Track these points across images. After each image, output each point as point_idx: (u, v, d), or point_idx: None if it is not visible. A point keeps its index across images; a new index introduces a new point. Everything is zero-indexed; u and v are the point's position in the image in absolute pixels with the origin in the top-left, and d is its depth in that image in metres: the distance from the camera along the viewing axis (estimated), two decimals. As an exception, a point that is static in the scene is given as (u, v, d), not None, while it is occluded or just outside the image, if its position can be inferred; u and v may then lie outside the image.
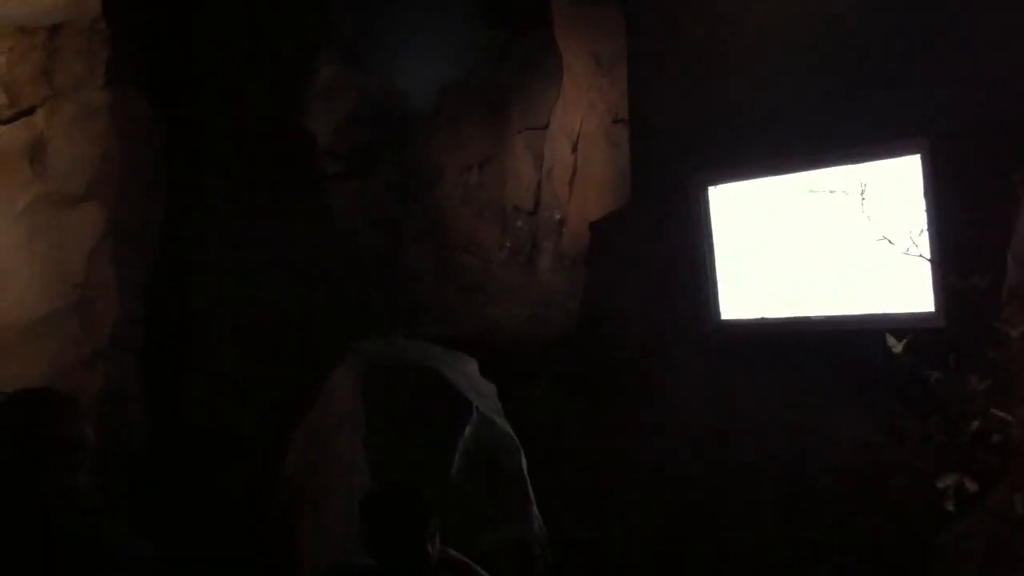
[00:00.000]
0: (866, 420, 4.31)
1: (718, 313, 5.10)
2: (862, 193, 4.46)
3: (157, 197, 5.94)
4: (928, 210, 4.23)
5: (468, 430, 4.39)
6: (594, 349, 5.85)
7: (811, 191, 4.69)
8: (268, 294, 6.30)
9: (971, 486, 3.55)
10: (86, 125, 5.53)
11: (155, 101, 5.91)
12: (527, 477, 4.54)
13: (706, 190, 5.12)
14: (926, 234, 4.23)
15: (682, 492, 4.86)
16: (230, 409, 5.97)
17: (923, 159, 4.27)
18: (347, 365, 4.66)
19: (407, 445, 4.24)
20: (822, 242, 4.67)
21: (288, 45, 6.91)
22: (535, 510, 4.49)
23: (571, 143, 7.60)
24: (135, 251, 5.75)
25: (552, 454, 5.14)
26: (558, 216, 7.47)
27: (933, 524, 3.75)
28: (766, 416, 4.77)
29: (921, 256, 4.20)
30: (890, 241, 4.29)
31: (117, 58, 5.64)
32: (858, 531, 4.18)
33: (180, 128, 6.10)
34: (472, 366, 4.91)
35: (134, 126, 5.78)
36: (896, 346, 3.82)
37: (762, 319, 4.95)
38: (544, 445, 5.03)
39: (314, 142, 6.99)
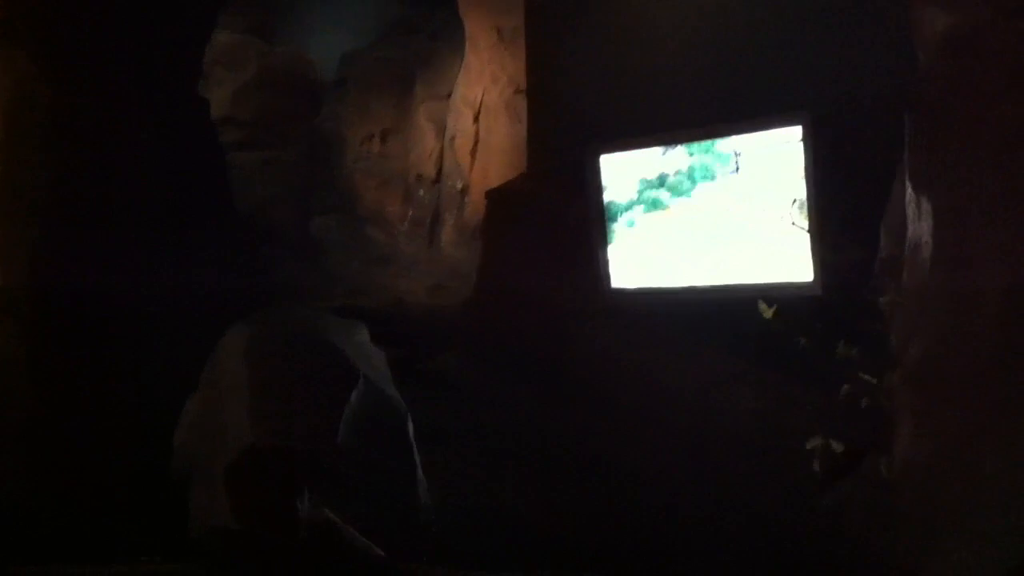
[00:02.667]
0: (749, 385, 4.41)
1: (609, 281, 5.15)
2: (736, 163, 4.55)
3: (46, 162, 5.77)
4: (807, 182, 4.33)
5: (354, 396, 4.38)
6: (494, 318, 5.87)
7: (698, 161, 4.76)
8: (166, 265, 6.17)
9: (837, 447, 3.68)
10: (-30, 87, 5.35)
11: (44, 65, 5.72)
12: (414, 444, 4.55)
13: (598, 159, 5.16)
14: (805, 206, 4.33)
15: (576, 457, 4.92)
16: (125, 382, 5.84)
17: (804, 131, 4.36)
18: (235, 333, 4.61)
19: (292, 412, 4.21)
20: (709, 213, 4.74)
21: (188, 10, 6.75)
22: (421, 476, 4.51)
23: (473, 113, 7.60)
24: (23, 216, 5.59)
25: (450, 422, 5.17)
26: (460, 185, 7.47)
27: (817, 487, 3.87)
28: (658, 381, 4.86)
29: (795, 225, 4.30)
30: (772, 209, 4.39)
31: (4, 20, 5.45)
32: (747, 493, 4.27)
33: (71, 93, 5.93)
34: (363, 334, 4.89)
35: (21, 90, 5.60)
36: (767, 312, 3.91)
37: (652, 288, 5.02)
38: (443, 413, 5.06)
39: (209, 110, 6.84)
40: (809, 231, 4.32)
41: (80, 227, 6.02)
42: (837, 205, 4.23)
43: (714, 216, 4.74)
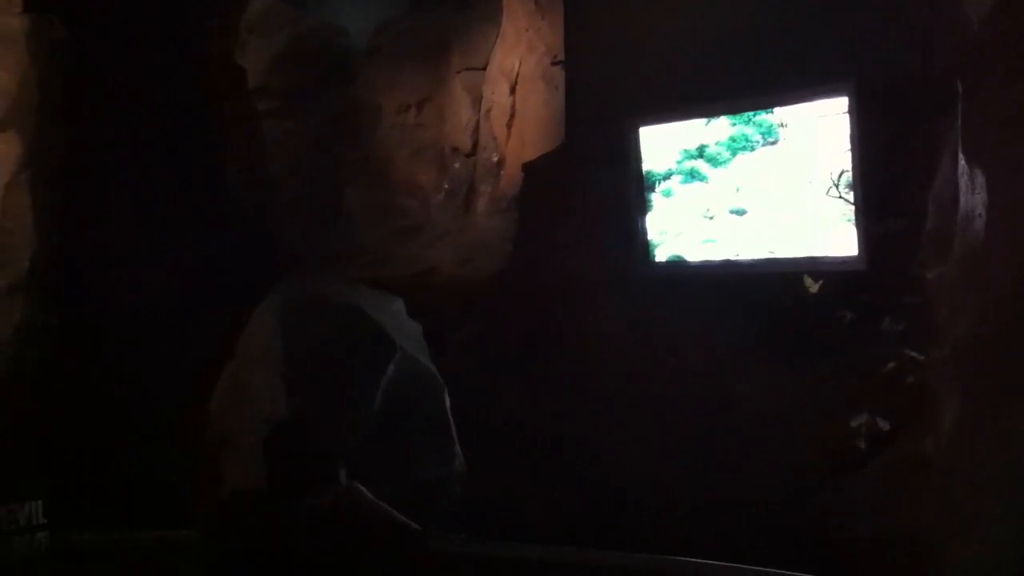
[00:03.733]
0: (786, 361, 4.32)
1: (647, 255, 5.09)
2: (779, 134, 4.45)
3: (73, 131, 5.78)
4: (853, 153, 4.23)
5: (391, 368, 4.36)
6: (527, 291, 5.82)
7: (739, 131, 4.68)
8: (196, 235, 6.16)
9: (883, 425, 3.60)
10: (2, 52, 5.34)
11: (74, 30, 5.71)
12: (450, 416, 4.53)
13: (637, 131, 5.08)
14: (850, 177, 4.23)
15: (604, 433, 4.87)
16: (153, 350, 5.86)
17: (850, 101, 4.26)
18: (270, 303, 4.59)
19: (328, 383, 4.21)
20: (751, 185, 4.66)
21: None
22: (457, 449, 4.50)
23: (510, 84, 7.48)
24: (52, 184, 5.60)
25: (480, 395, 5.13)
26: (496, 158, 7.36)
27: (841, 466, 3.80)
28: (694, 357, 4.79)
29: (843, 199, 4.20)
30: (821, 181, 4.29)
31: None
32: (776, 471, 4.21)
33: (101, 59, 5.92)
34: (398, 305, 4.86)
35: (52, 55, 5.59)
36: (812, 286, 3.84)
37: (690, 261, 4.95)
38: (472, 386, 5.03)
39: (245, 78, 6.80)
40: (854, 204, 4.23)
41: (109, 193, 6.03)
42: (882, 177, 4.12)
43: (754, 188, 4.66)
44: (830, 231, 4.33)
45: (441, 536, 4.26)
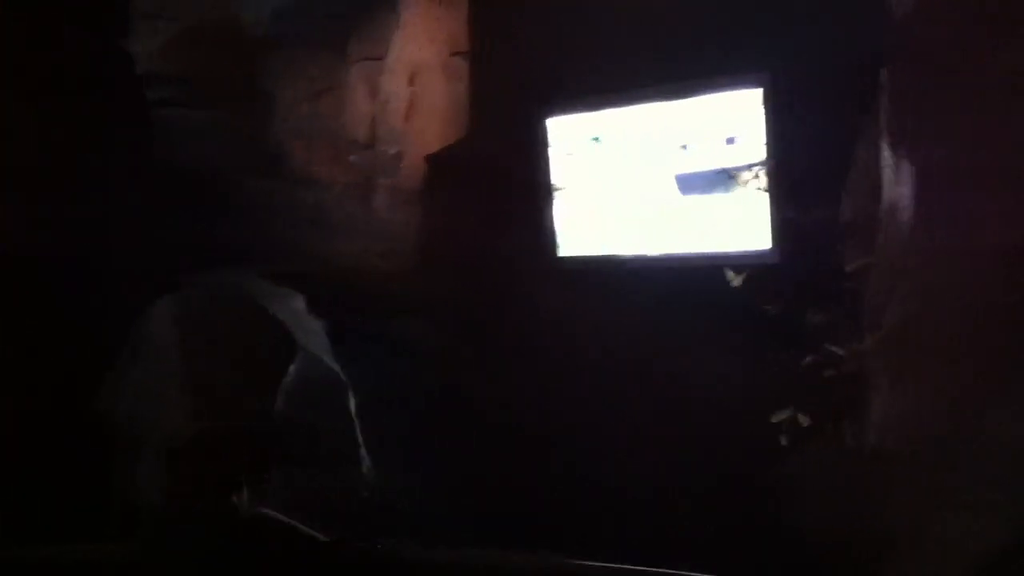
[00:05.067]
0: (707, 357, 4.27)
1: (556, 249, 4.98)
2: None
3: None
4: (767, 145, 4.20)
5: (292, 369, 4.16)
6: (434, 284, 5.65)
7: (650, 125, 4.60)
8: (87, 229, 5.80)
9: (804, 420, 3.56)
10: None
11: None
12: (356, 417, 4.35)
13: (544, 122, 4.97)
14: (764, 169, 4.19)
15: (525, 428, 4.75)
16: (44, 347, 5.48)
17: (764, 93, 4.23)
18: (167, 301, 4.35)
19: (227, 384, 3.98)
20: (660, 178, 4.58)
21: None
22: (363, 451, 4.32)
23: (408, 75, 7.29)
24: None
25: (390, 392, 4.96)
26: (395, 150, 7.16)
27: (776, 457, 3.76)
28: (611, 352, 4.71)
29: (760, 189, 4.16)
30: (730, 174, 4.24)
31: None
32: (703, 465, 4.15)
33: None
34: (300, 302, 4.66)
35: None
36: (735, 279, 3.78)
37: (601, 256, 4.86)
38: (381, 383, 4.86)
39: (133, 65, 6.45)
40: (769, 197, 4.19)
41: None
42: (798, 170, 4.09)
43: (667, 181, 4.59)
44: (743, 225, 4.29)
45: (352, 542, 4.07)
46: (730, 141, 4.32)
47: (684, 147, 4.46)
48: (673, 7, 4.62)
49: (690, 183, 4.44)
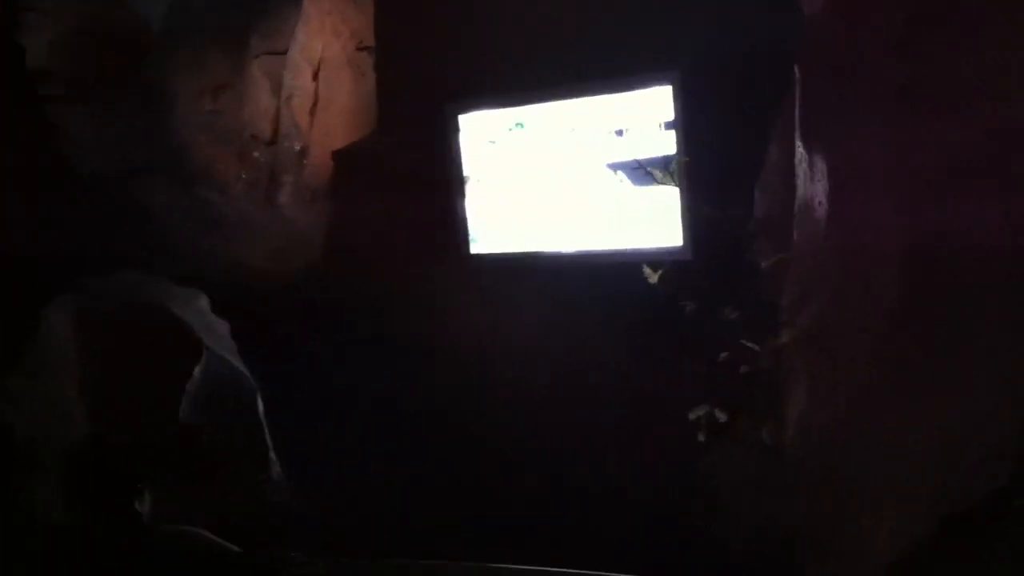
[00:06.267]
0: (623, 353, 4.26)
1: (468, 246, 4.93)
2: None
3: None
4: (677, 143, 4.21)
5: (197, 371, 4.01)
6: (341, 283, 5.54)
7: (562, 122, 4.58)
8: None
9: (721, 416, 3.58)
10: None
11: None
12: (264, 420, 4.22)
13: (456, 118, 4.91)
14: (675, 167, 4.21)
15: (437, 428, 4.68)
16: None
17: (674, 91, 4.24)
18: (64, 303, 4.14)
19: (128, 388, 3.82)
20: (573, 175, 4.57)
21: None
22: (273, 455, 4.20)
23: (312, 70, 7.15)
24: None
25: (299, 394, 4.83)
26: (298, 147, 7.02)
27: (694, 453, 3.76)
28: (525, 351, 4.67)
29: (673, 185, 4.18)
30: (647, 170, 4.24)
31: None
32: (621, 463, 4.13)
33: None
34: (203, 302, 4.50)
35: None
36: (652, 276, 3.78)
37: (514, 253, 4.83)
38: (290, 384, 4.73)
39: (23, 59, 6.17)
40: (680, 193, 4.21)
41: None
42: (709, 166, 4.12)
43: (577, 177, 4.57)
44: (655, 222, 4.30)
45: (263, 551, 3.95)
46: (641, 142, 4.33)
47: (615, 133, 4.43)
48: (584, 3, 4.61)
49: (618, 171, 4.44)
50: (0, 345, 4.27)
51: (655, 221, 4.29)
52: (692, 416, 3.64)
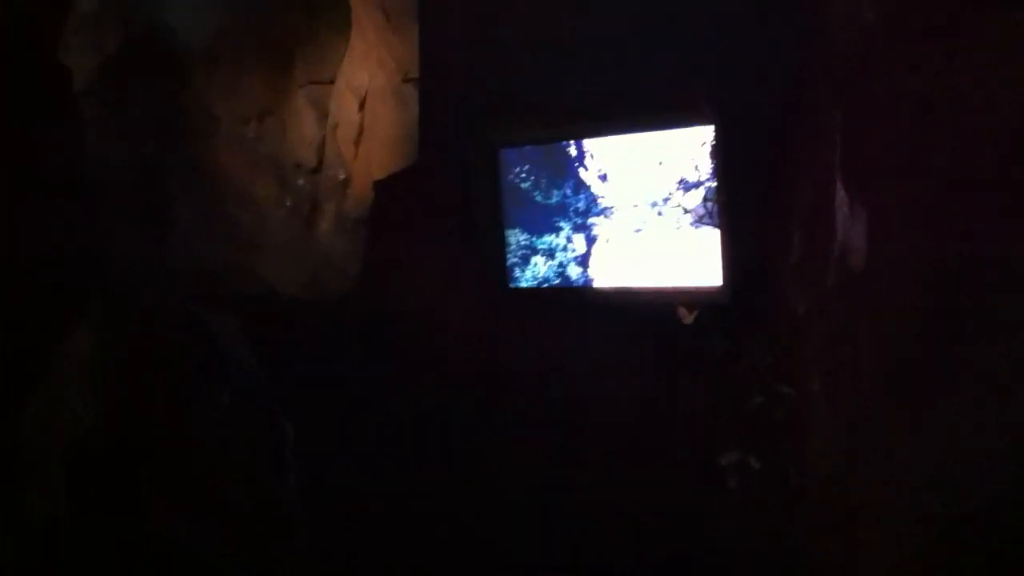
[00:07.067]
0: (655, 393, 4.21)
1: (507, 280, 4.91)
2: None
3: None
4: (719, 183, 4.17)
5: (223, 388, 4.04)
6: (375, 314, 5.54)
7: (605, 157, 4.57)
8: (11, 243, 5.60)
9: (755, 464, 3.52)
10: None
11: None
12: (286, 436, 4.23)
13: (498, 152, 4.91)
14: (715, 207, 4.17)
15: (461, 459, 4.66)
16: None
17: (716, 130, 4.21)
18: (92, 316, 4.20)
19: (153, 402, 3.85)
20: (615, 211, 4.55)
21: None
22: (292, 470, 4.20)
23: (358, 101, 7.19)
24: None
25: (326, 416, 4.84)
26: (342, 176, 7.05)
27: (713, 497, 3.70)
28: (560, 389, 4.64)
29: (712, 226, 4.13)
30: (686, 209, 4.20)
31: None
32: (650, 507, 4.08)
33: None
34: (231, 322, 4.53)
35: None
36: (687, 318, 3.73)
37: (553, 287, 4.79)
38: (317, 408, 4.75)
39: (71, 80, 6.28)
40: (720, 235, 4.16)
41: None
42: (750, 208, 4.06)
43: (619, 214, 4.55)
44: (694, 261, 4.25)
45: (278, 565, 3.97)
46: (683, 181, 4.29)
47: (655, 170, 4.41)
48: (626, 42, 4.59)
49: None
50: (20, 354, 4.33)
51: (694, 261, 4.24)
52: (724, 462, 3.57)
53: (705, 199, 4.16)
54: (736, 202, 4.08)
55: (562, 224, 4.73)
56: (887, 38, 2.88)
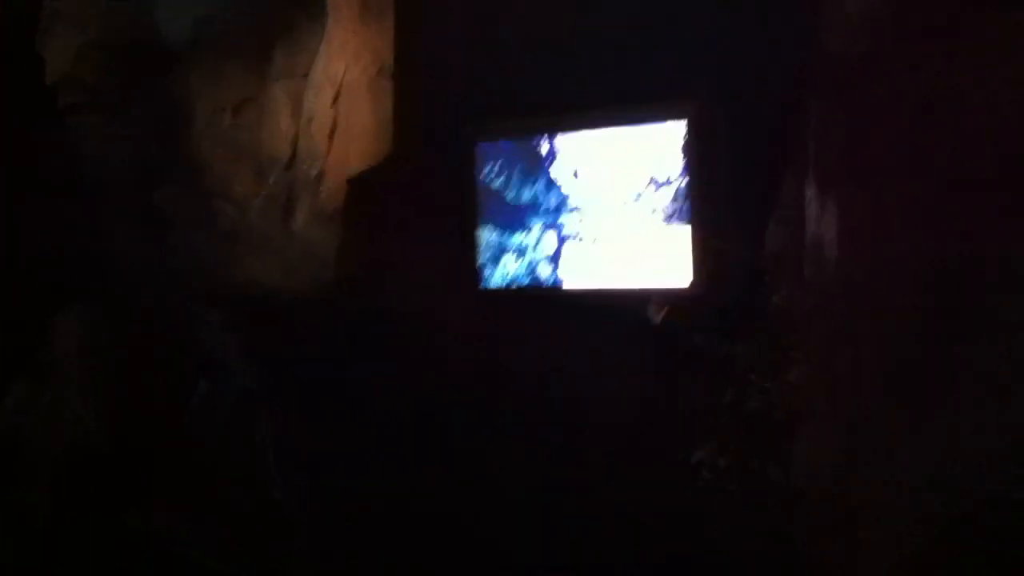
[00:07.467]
0: (632, 389, 4.21)
1: (481, 277, 4.89)
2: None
3: None
4: (691, 177, 4.16)
5: (205, 385, 4.01)
6: (351, 306, 5.52)
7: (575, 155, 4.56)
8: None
9: (722, 461, 3.54)
10: None
11: None
12: (272, 434, 4.22)
13: (475, 147, 4.89)
14: (687, 201, 4.15)
15: (442, 450, 4.66)
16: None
17: (689, 124, 4.19)
18: (74, 312, 4.17)
19: (135, 401, 3.83)
20: (586, 208, 4.53)
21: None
22: (277, 476, 4.18)
23: (333, 94, 7.14)
24: None
25: (310, 411, 4.82)
26: (316, 171, 7.00)
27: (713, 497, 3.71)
28: (534, 386, 4.63)
29: (683, 221, 4.12)
30: (656, 206, 4.19)
31: None
32: (640, 503, 4.09)
33: None
34: (214, 317, 4.51)
35: None
36: (658, 314, 3.74)
37: (525, 286, 4.77)
38: (300, 401, 4.73)
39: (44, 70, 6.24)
40: (691, 230, 4.14)
41: None
42: (722, 203, 4.07)
43: (589, 210, 4.53)
44: (664, 259, 4.23)
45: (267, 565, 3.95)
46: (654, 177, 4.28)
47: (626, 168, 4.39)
48: (602, 35, 4.58)
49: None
50: (10, 350, 4.29)
51: (665, 258, 4.22)
52: (694, 460, 3.59)
53: (675, 196, 4.15)
54: (708, 196, 4.08)
55: (533, 222, 4.71)
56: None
